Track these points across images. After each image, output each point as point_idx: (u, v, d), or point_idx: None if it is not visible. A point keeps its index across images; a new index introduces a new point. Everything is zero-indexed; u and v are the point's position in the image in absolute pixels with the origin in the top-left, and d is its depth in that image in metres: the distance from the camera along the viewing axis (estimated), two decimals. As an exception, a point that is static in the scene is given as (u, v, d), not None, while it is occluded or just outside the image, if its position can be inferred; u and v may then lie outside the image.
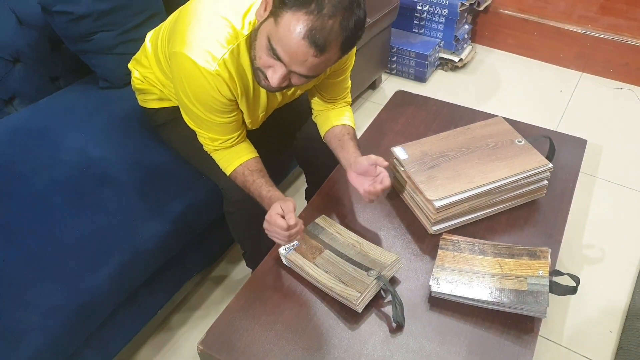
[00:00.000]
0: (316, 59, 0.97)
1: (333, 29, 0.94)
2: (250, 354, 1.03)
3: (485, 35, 2.72)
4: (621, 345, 1.45)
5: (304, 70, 0.99)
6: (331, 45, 0.96)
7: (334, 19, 0.93)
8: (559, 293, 1.08)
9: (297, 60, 0.97)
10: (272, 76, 1.02)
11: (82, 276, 1.09)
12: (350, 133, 1.33)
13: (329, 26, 0.93)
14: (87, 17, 1.47)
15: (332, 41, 0.95)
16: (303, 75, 1.01)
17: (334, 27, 0.93)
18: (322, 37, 0.93)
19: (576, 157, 1.46)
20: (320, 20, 0.92)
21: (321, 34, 0.93)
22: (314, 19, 0.92)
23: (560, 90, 2.45)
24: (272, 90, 1.10)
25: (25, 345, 0.99)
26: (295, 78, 1.03)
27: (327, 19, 0.92)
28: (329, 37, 0.94)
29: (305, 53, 0.95)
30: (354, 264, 1.14)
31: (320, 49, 0.95)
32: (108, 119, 1.45)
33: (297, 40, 0.93)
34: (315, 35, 0.93)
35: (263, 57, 1.01)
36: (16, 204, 1.19)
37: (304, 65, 0.98)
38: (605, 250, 1.72)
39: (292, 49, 0.95)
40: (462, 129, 1.38)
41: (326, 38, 0.94)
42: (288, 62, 0.98)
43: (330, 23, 0.93)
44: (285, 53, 0.96)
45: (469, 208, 1.24)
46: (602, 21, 2.52)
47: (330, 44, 0.95)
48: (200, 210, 1.33)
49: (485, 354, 1.02)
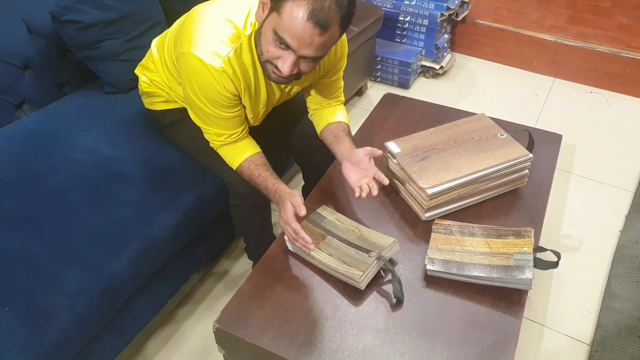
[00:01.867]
0: (321, 38, 1.06)
1: (331, 8, 1.04)
2: (262, 330, 1.11)
3: (464, 44, 2.87)
4: (599, 323, 1.56)
5: (312, 52, 1.09)
6: (332, 23, 1.06)
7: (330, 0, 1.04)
8: (543, 267, 1.20)
9: (304, 43, 1.07)
10: (282, 65, 1.11)
11: (104, 263, 1.17)
12: (345, 129, 1.43)
13: (327, 6, 1.03)
14: (94, 26, 1.55)
15: (332, 19, 1.05)
16: (311, 58, 1.11)
17: (331, 6, 1.04)
18: (324, 16, 1.04)
19: (553, 150, 1.59)
20: (319, 2, 1.03)
21: (322, 13, 1.03)
22: (313, 2, 1.02)
23: (535, 95, 2.60)
24: (282, 82, 1.19)
25: (55, 325, 1.06)
26: (303, 64, 1.13)
27: (324, 0, 1.03)
28: (329, 15, 1.04)
29: (311, 34, 1.05)
30: (355, 247, 1.24)
31: (324, 27, 1.05)
32: (115, 121, 1.53)
33: (302, 24, 1.03)
34: (317, 15, 1.03)
35: (271, 50, 1.11)
36: (37, 200, 1.26)
37: (312, 47, 1.07)
38: (582, 239, 1.85)
39: (299, 32, 1.05)
40: (449, 124, 1.50)
41: (327, 16, 1.04)
42: (297, 47, 1.07)
43: (328, 3, 1.03)
44: (293, 39, 1.06)
45: (457, 196, 1.35)
46: (571, 30, 2.70)
47: (331, 21, 1.05)
48: (208, 203, 1.41)
49: (478, 324, 1.12)
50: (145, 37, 1.66)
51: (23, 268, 1.13)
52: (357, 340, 1.09)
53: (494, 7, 2.93)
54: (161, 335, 1.58)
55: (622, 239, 1.81)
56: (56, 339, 1.05)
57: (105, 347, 1.24)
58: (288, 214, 1.19)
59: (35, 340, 1.03)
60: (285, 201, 1.22)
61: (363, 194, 1.26)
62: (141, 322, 1.35)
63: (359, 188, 1.27)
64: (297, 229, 1.18)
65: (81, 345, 1.13)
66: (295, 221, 1.19)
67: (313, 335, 1.10)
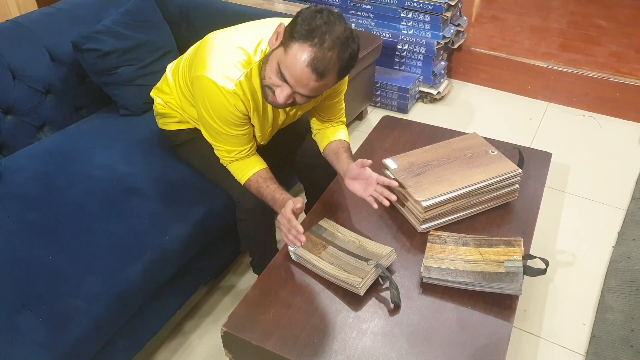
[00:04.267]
0: (317, 83, 1.17)
1: (332, 59, 1.15)
2: (267, 333, 1.17)
3: (460, 71, 3.00)
4: (594, 334, 1.62)
5: (306, 92, 1.20)
6: (329, 73, 1.17)
7: (333, 51, 1.15)
8: (532, 274, 1.26)
9: (300, 83, 1.18)
10: (279, 95, 1.22)
11: (119, 270, 1.25)
12: (344, 147, 1.52)
13: (328, 57, 1.14)
14: (112, 54, 1.67)
15: (330, 69, 1.16)
16: (305, 96, 1.22)
17: (332, 57, 1.15)
18: (323, 65, 1.14)
19: (543, 167, 1.68)
20: (322, 52, 1.13)
21: (322, 63, 1.14)
22: (316, 51, 1.13)
23: (529, 118, 2.70)
24: (278, 107, 1.30)
25: (74, 327, 1.14)
26: (298, 97, 1.24)
27: (327, 51, 1.14)
28: (328, 65, 1.15)
29: (308, 78, 1.16)
30: (354, 257, 1.31)
31: (321, 75, 1.16)
32: (131, 141, 1.64)
33: (302, 67, 1.14)
34: (317, 64, 1.14)
35: (272, 78, 1.22)
36: (58, 212, 1.36)
37: (307, 88, 1.18)
38: (577, 255, 1.91)
39: (298, 74, 1.16)
40: (443, 142, 1.59)
41: (325, 66, 1.15)
42: (293, 85, 1.19)
43: (330, 54, 1.14)
44: (291, 77, 1.17)
45: (451, 208, 1.43)
46: (563, 57, 2.82)
47: (328, 71, 1.16)
48: (216, 216, 1.50)
49: (471, 327, 1.19)
50: (158, 64, 1.78)
51: (45, 274, 1.21)
52: (357, 342, 1.16)
53: (489, 36, 3.08)
54: (170, 347, 1.64)
55: (615, 254, 1.88)
56: (75, 340, 1.13)
57: (118, 351, 1.31)
58: (287, 208, 1.27)
59: (56, 341, 1.11)
60: (288, 201, 1.30)
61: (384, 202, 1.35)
62: (152, 329, 1.42)
63: (370, 197, 1.37)
64: (292, 218, 1.25)
65: (98, 347, 1.20)
66: (290, 213, 1.26)
67: (315, 338, 1.17)
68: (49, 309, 1.15)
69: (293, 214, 1.27)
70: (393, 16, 2.68)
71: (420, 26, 2.63)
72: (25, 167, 1.51)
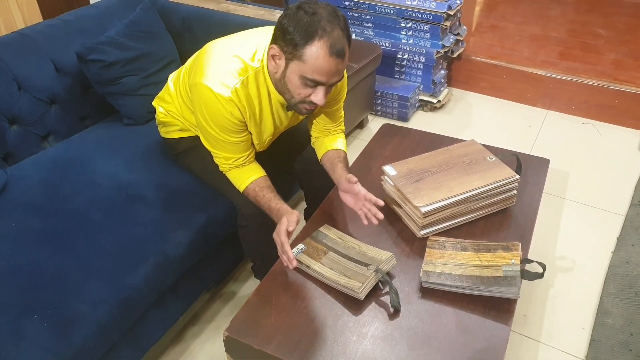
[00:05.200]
0: (343, 63, 1.24)
1: (339, 36, 1.21)
2: (269, 337, 1.19)
3: (460, 79, 3.03)
4: (593, 339, 1.63)
5: (338, 78, 1.26)
6: (345, 48, 1.23)
7: (335, 29, 1.20)
8: (529, 278, 1.28)
9: (332, 73, 1.23)
10: (318, 98, 1.26)
11: (123, 276, 1.27)
12: (340, 156, 1.54)
13: (337, 36, 1.20)
14: (116, 64, 1.71)
15: (344, 44, 1.22)
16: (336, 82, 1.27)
17: (338, 34, 1.20)
18: (341, 46, 1.20)
19: (541, 173, 1.69)
20: (331, 38, 1.19)
21: (339, 44, 1.20)
22: (327, 39, 1.18)
23: (529, 126, 2.72)
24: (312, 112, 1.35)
25: (78, 331, 1.16)
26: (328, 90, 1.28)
27: (333, 32, 1.19)
28: (342, 43, 1.21)
29: (336, 64, 1.21)
30: (354, 262, 1.33)
31: (342, 55, 1.22)
32: (134, 150, 1.67)
33: (328, 60, 1.19)
34: (336, 47, 1.19)
35: (302, 92, 1.26)
36: (63, 219, 1.39)
37: (338, 74, 1.24)
38: (576, 260, 1.93)
39: (327, 68, 1.21)
40: (441, 149, 1.61)
41: (342, 45, 1.21)
42: (327, 80, 1.23)
43: (336, 34, 1.20)
44: (323, 75, 1.22)
45: (450, 214, 1.44)
46: (561, 65, 2.85)
47: (344, 47, 1.22)
48: (218, 223, 1.52)
49: (470, 331, 1.20)
50: (161, 74, 1.81)
51: (50, 280, 1.24)
52: (357, 346, 1.17)
53: (488, 45, 3.11)
54: (172, 354, 1.65)
55: (614, 259, 1.89)
56: (80, 344, 1.15)
57: (122, 357, 1.32)
58: (281, 227, 1.30)
59: (61, 345, 1.13)
60: (282, 217, 1.32)
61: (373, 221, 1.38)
62: (155, 335, 1.43)
63: (360, 211, 1.40)
64: (284, 242, 1.29)
65: (102, 352, 1.22)
66: (284, 235, 1.29)
67: (316, 341, 1.18)
68: (53, 314, 1.17)
69: (287, 236, 1.29)
70: (393, 26, 2.71)
71: (420, 35, 2.66)
72: (30, 175, 1.54)
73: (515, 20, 3.47)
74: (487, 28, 3.38)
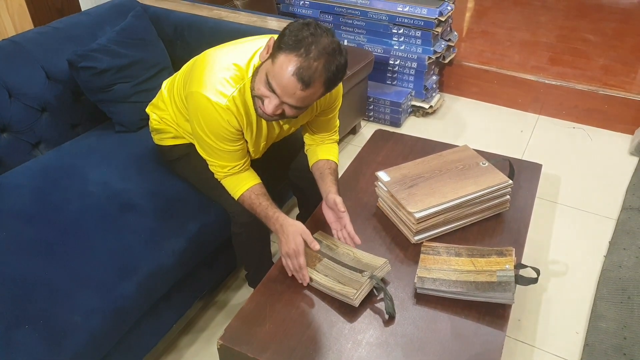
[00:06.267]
0: (303, 93, 1.19)
1: (317, 69, 1.17)
2: (263, 346, 1.18)
3: (452, 85, 3.04)
4: (587, 343, 1.63)
5: (293, 102, 1.22)
6: (315, 82, 1.19)
7: (318, 61, 1.17)
8: (524, 283, 1.28)
9: (287, 93, 1.20)
10: (267, 105, 1.24)
11: (116, 285, 1.26)
12: (331, 167, 1.53)
13: (314, 67, 1.17)
14: (107, 71, 1.70)
15: (315, 79, 1.18)
16: (293, 107, 1.24)
17: (318, 67, 1.17)
18: (308, 74, 1.17)
19: (534, 178, 1.70)
20: (307, 62, 1.16)
21: (307, 72, 1.16)
22: (302, 60, 1.16)
23: (521, 131, 2.74)
24: (267, 119, 1.32)
25: (71, 342, 1.14)
26: (287, 108, 1.25)
27: (313, 61, 1.16)
28: (314, 75, 1.17)
29: (294, 87, 1.18)
30: (349, 268, 1.33)
31: (306, 85, 1.18)
32: (125, 157, 1.65)
33: (288, 77, 1.17)
34: (302, 73, 1.16)
35: (261, 89, 1.24)
36: (54, 229, 1.37)
37: (294, 98, 1.20)
38: (569, 264, 1.94)
39: (284, 83, 1.18)
40: (435, 155, 1.61)
41: (311, 76, 1.17)
42: (280, 94, 1.21)
43: (315, 64, 1.17)
44: (278, 86, 1.20)
45: (444, 219, 1.45)
46: (551, 70, 2.87)
47: (314, 81, 1.18)
48: (212, 231, 1.51)
49: (465, 336, 1.20)
50: (153, 81, 1.81)
51: (42, 290, 1.22)
52: (352, 353, 1.17)
53: (479, 51, 3.14)
54: (165, 363, 1.64)
55: (607, 263, 1.90)
56: (72, 355, 1.13)
57: (115, 367, 1.31)
58: (299, 247, 1.29)
59: (53, 356, 1.11)
60: (292, 233, 1.31)
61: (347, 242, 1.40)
62: (148, 344, 1.42)
63: (337, 233, 1.42)
64: (303, 265, 1.29)
65: (94, 363, 1.21)
66: (304, 256, 1.29)
67: (311, 349, 1.18)
68: (45, 324, 1.15)
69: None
70: (385, 32, 2.72)
71: (411, 41, 2.68)
72: (21, 184, 1.52)
73: (505, 26, 3.50)
74: (478, 34, 3.41)
